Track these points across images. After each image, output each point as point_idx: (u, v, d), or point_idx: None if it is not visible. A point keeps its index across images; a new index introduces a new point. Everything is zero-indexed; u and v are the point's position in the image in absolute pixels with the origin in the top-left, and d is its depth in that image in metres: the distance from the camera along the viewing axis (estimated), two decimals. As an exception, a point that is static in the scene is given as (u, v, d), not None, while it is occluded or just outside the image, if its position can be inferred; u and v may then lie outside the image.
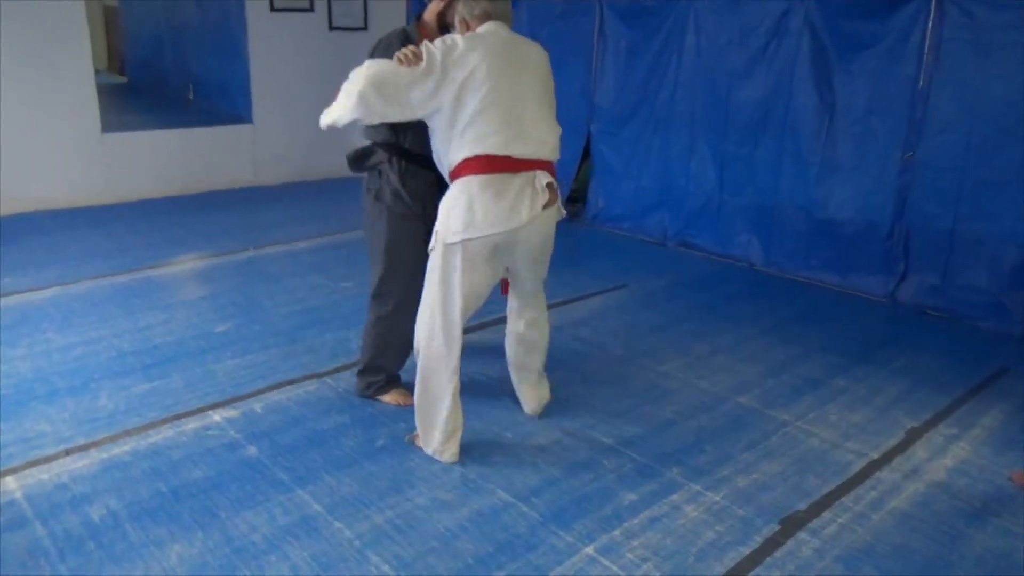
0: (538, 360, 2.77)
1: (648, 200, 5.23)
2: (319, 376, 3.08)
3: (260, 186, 6.32)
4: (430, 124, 2.39)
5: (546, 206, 2.37)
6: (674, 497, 2.39)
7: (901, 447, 2.72)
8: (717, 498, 2.39)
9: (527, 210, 2.31)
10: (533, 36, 5.39)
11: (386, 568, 2.02)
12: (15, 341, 3.27)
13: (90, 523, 2.15)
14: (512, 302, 2.70)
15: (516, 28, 2.52)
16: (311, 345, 3.37)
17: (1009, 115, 3.67)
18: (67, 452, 2.49)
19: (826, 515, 2.32)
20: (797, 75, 4.33)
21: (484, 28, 2.41)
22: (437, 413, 2.46)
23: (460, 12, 2.46)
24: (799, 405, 3.01)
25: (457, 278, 2.33)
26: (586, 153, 5.51)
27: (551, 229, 2.48)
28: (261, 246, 4.73)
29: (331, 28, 6.46)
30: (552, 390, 2.88)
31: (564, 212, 2.53)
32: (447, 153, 2.35)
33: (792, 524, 2.27)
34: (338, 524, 2.19)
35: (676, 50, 4.85)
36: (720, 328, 3.76)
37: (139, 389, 2.92)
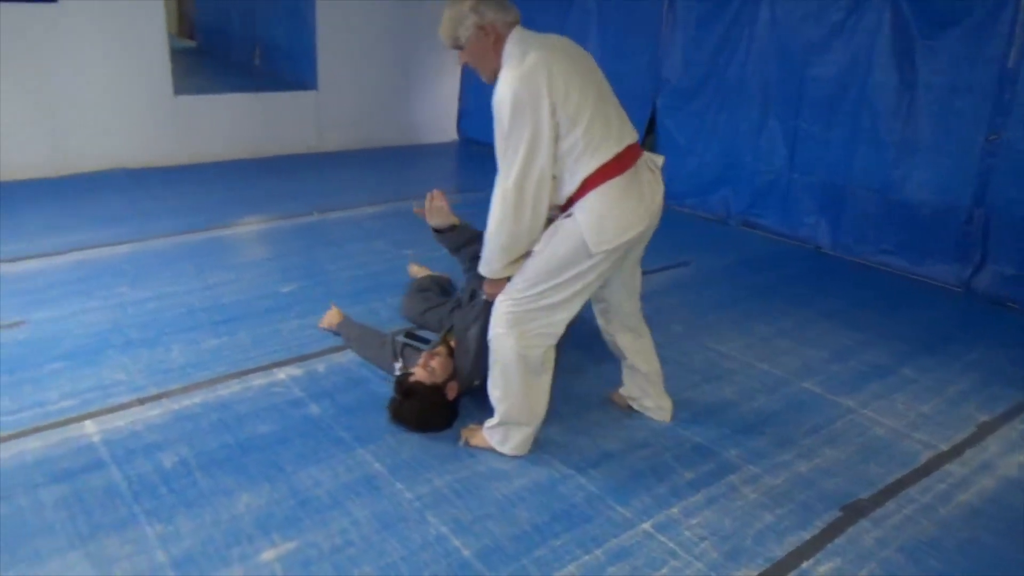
0: (658, 386, 2.63)
1: (712, 177, 5.12)
2: (380, 340, 3.12)
3: (323, 152, 6.40)
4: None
5: None
6: (732, 478, 2.36)
7: (972, 440, 2.64)
8: (777, 481, 2.35)
9: (659, 194, 2.24)
10: (599, 8, 5.35)
11: (444, 529, 2.06)
12: (92, 293, 3.40)
13: (162, 470, 2.24)
14: (611, 324, 2.53)
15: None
16: (372, 309, 3.42)
17: (1107, 98, 3.47)
18: (140, 401, 2.59)
19: (890, 505, 2.27)
20: (877, 51, 4.15)
21: (519, 35, 2.14)
22: (528, 413, 2.34)
23: (488, 18, 2.11)
24: (864, 392, 2.94)
25: (590, 281, 2.19)
26: (650, 128, 5.41)
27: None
28: (325, 211, 4.80)
29: (398, -5, 6.45)
30: (611, 363, 2.82)
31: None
32: (572, 174, 2.12)
33: (854, 512, 2.22)
34: (399, 485, 2.23)
35: (749, 22, 4.71)
36: (783, 310, 3.68)
37: (208, 344, 3.01)
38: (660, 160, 2.30)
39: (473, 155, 6.80)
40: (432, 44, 6.77)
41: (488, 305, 2.35)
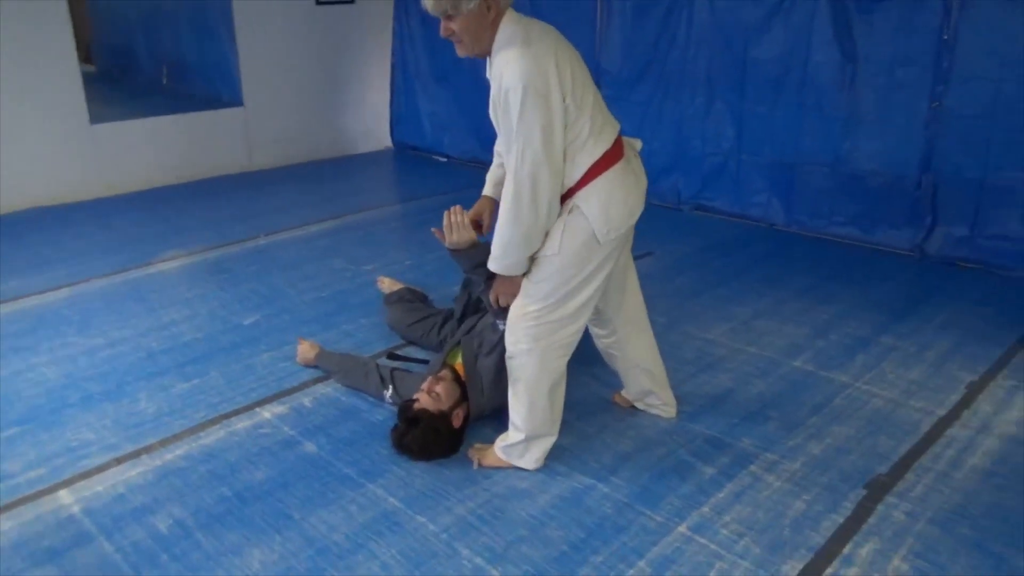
0: (663, 382, 2.59)
1: (661, 164, 5.13)
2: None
3: (256, 170, 6.13)
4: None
5: None
6: (753, 468, 2.34)
7: (965, 402, 2.70)
8: (796, 466, 2.34)
9: (645, 177, 2.23)
10: (536, 14, 5.28)
11: (479, 560, 1.95)
12: (36, 346, 3.13)
13: (158, 535, 2.05)
14: (610, 319, 2.42)
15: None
16: (346, 332, 3.26)
17: (1038, 59, 3.62)
18: (118, 460, 2.38)
19: (909, 477, 2.28)
20: (816, 28, 4.22)
21: (515, 17, 2.04)
22: (553, 423, 2.30)
23: None
24: (854, 365, 2.97)
25: (604, 277, 2.15)
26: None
27: None
28: (272, 232, 4.58)
29: (318, 3, 6.23)
30: (602, 363, 2.73)
31: None
32: (573, 164, 2.06)
33: (877, 488, 2.23)
34: (420, 518, 2.11)
35: (687, 6, 4.72)
36: (755, 291, 3.70)
37: (178, 389, 2.80)
38: (638, 144, 2.28)
39: (409, 161, 6.66)
40: (359, 49, 6.58)
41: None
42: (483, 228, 2.39)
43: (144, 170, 5.54)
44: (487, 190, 2.42)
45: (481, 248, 2.42)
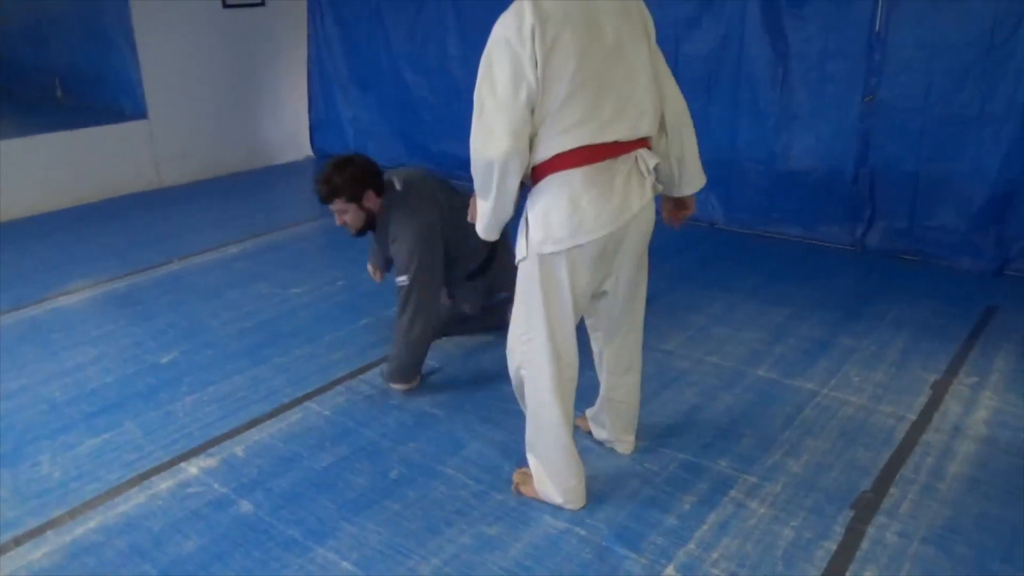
0: (629, 424, 2.37)
1: (596, 166, 5.00)
2: (299, 402, 2.70)
3: (165, 187, 5.69)
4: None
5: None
6: (734, 493, 2.19)
7: (933, 403, 2.63)
8: (778, 488, 2.21)
9: (638, 198, 1.89)
10: (455, 9, 5.11)
11: (451, 632, 1.73)
12: (-86, 405, 2.72)
13: (70, 632, 1.75)
14: (599, 345, 2.24)
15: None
16: (278, 366, 2.97)
17: (967, 53, 3.62)
18: (16, 541, 2.04)
19: (894, 492, 2.18)
20: (748, 24, 4.16)
21: None
22: (559, 455, 2.08)
23: None
24: (817, 370, 2.88)
25: (566, 291, 1.91)
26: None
27: (653, 219, 2.02)
28: (185, 256, 4.21)
29: (225, 6, 5.84)
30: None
31: (660, 188, 2.06)
32: (533, 146, 1.84)
33: (865, 508, 2.11)
34: (379, 585, 1.87)
35: (615, 6, 4.59)
36: (706, 296, 3.59)
37: (87, 446, 2.46)
38: (652, 161, 1.92)
39: (334, 171, 6.31)
40: (272, 54, 6.21)
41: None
42: None
43: (40, 193, 5.05)
44: None
45: None
